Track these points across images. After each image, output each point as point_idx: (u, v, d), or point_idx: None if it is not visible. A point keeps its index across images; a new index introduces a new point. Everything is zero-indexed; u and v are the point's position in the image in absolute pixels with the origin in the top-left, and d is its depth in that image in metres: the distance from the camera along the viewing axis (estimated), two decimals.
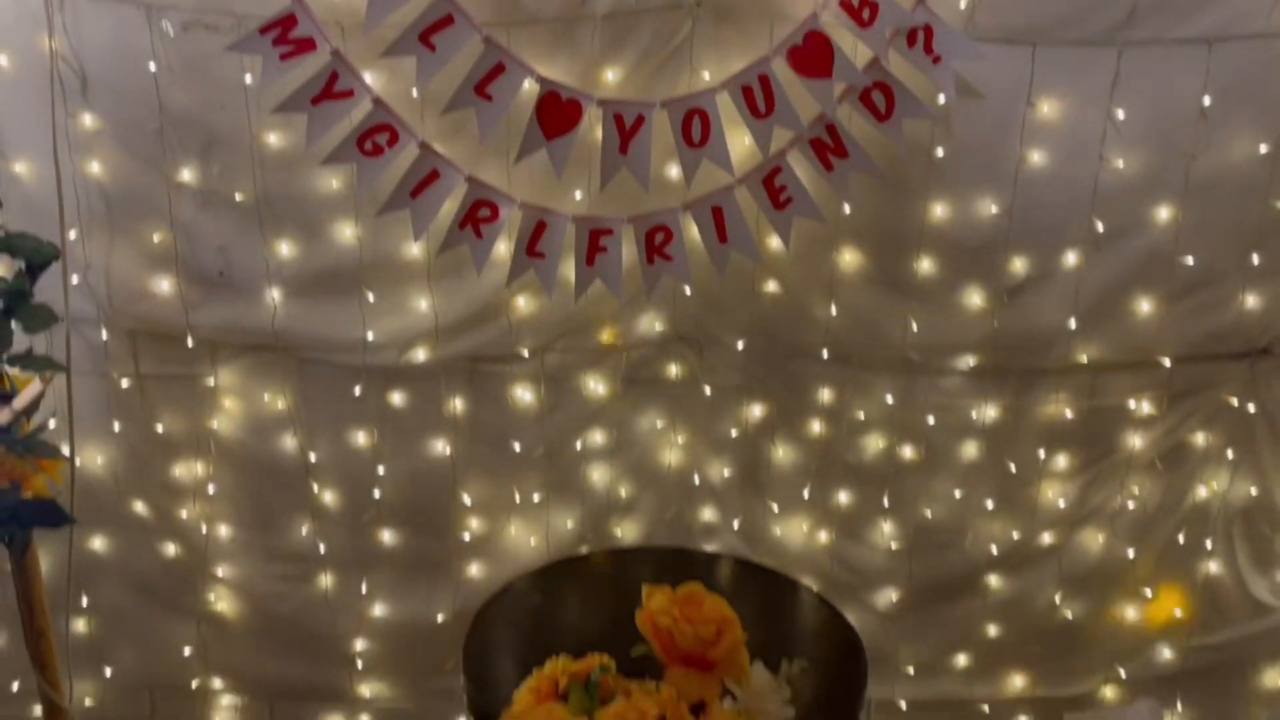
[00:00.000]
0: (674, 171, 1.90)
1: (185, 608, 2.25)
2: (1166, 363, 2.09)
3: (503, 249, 1.93)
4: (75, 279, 1.95)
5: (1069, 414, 2.15)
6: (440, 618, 2.25)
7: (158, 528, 2.19)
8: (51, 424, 1.90)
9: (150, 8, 1.81)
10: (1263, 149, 1.93)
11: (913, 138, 1.87)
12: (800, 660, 1.10)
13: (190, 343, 2.03)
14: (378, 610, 2.26)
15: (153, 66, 1.83)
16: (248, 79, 1.84)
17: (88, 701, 2.28)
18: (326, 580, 2.24)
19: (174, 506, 2.18)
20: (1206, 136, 1.92)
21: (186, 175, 1.93)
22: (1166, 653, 2.32)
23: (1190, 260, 2.01)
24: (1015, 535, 2.23)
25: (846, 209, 1.97)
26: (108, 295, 2.00)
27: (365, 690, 2.33)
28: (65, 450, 1.89)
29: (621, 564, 1.14)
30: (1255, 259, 2.01)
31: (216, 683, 2.33)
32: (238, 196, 1.93)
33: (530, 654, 1.24)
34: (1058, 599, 2.28)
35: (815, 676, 1.53)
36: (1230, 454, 2.19)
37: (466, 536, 2.21)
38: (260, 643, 2.28)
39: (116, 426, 2.10)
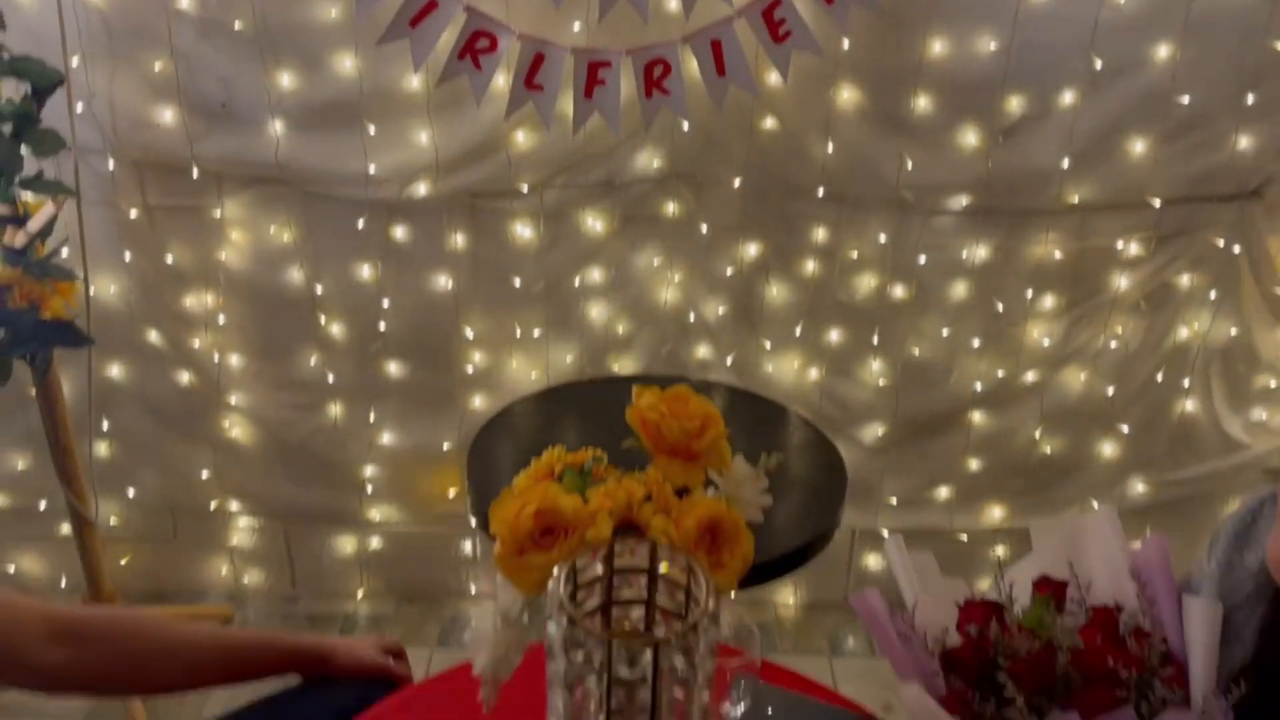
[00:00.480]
0: (673, 4, 1.89)
1: (201, 434, 2.34)
2: (1157, 204, 2.12)
3: (501, 81, 1.94)
4: (80, 107, 1.96)
5: (1058, 255, 2.18)
6: (445, 446, 2.34)
7: (171, 356, 2.27)
8: (64, 253, 1.95)
9: None
10: None
11: None
12: (778, 454, 1.18)
13: (196, 174, 2.06)
14: (385, 439, 2.35)
15: None
16: None
17: (113, 521, 2.39)
18: (335, 409, 2.32)
19: (186, 336, 2.25)
20: None
21: (185, 3, 1.92)
22: (1140, 486, 2.43)
23: (1186, 100, 2.01)
24: (1000, 373, 2.30)
25: (845, 44, 1.96)
26: (112, 125, 2.02)
27: (375, 514, 2.45)
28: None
29: (617, 389, 1.20)
30: (1250, 99, 2.01)
31: (234, 505, 2.45)
32: (236, 25, 1.93)
33: (529, 461, 1.31)
34: (1037, 435, 2.37)
35: (800, 492, 1.63)
36: (1213, 295, 2.23)
37: (469, 369, 2.28)
38: (273, 468, 2.38)
39: (127, 256, 2.15)
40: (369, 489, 2.40)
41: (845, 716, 1.30)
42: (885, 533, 2.45)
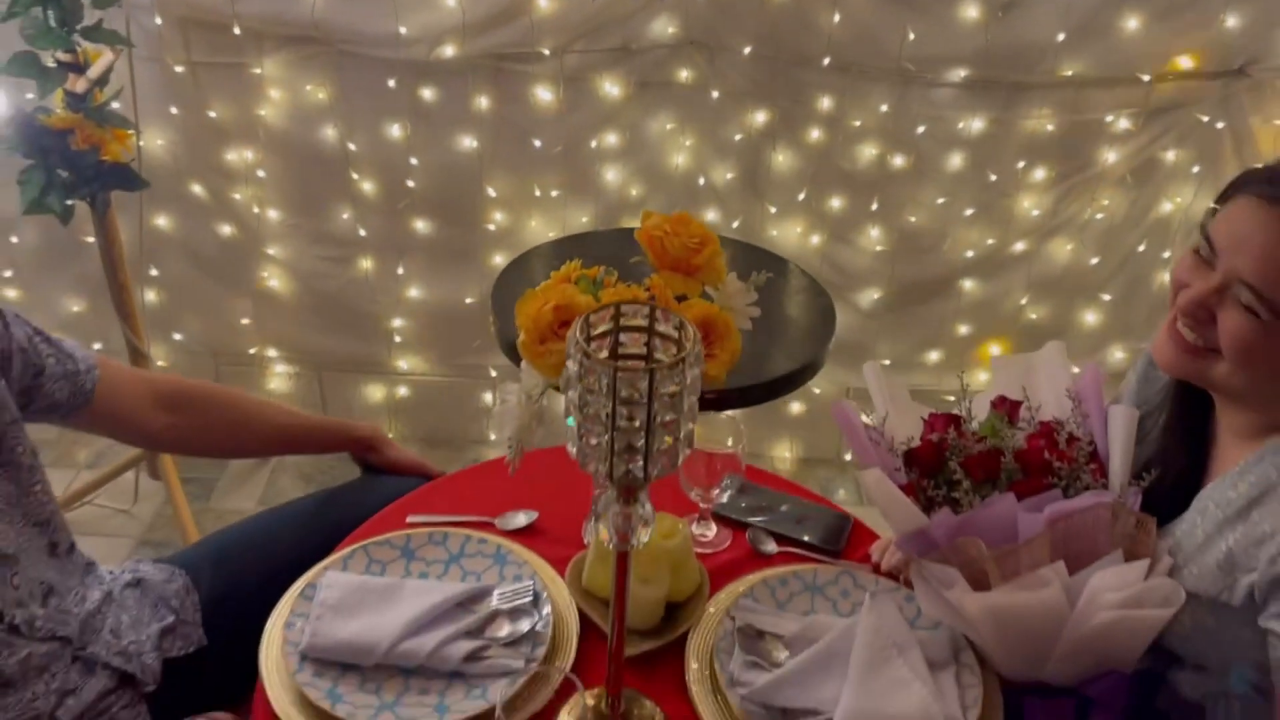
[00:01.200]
0: None
1: (242, 283, 2.52)
2: (1146, 79, 2.23)
3: None
4: None
5: (1050, 128, 2.30)
6: (468, 300, 2.51)
7: (214, 208, 2.43)
8: (115, 106, 2.09)
9: None
10: None
11: None
12: (766, 273, 1.33)
13: (237, 31, 2.19)
14: (413, 292, 2.52)
15: None
16: None
17: (161, 363, 2.59)
18: (366, 263, 2.49)
19: (228, 189, 2.40)
20: None
21: None
22: (1119, 353, 2.58)
23: None
24: (990, 242, 2.44)
25: None
26: None
27: (402, 363, 2.63)
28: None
29: (627, 238, 1.35)
30: None
31: (271, 352, 2.63)
32: None
33: None
34: (1024, 302, 2.52)
35: (794, 329, 1.79)
36: (1196, 170, 2.36)
37: (491, 227, 2.43)
38: (308, 317, 2.56)
39: (173, 110, 2.29)
40: (397, 338, 2.59)
41: (815, 508, 1.48)
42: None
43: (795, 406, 2.70)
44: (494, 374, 2.64)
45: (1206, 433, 1.28)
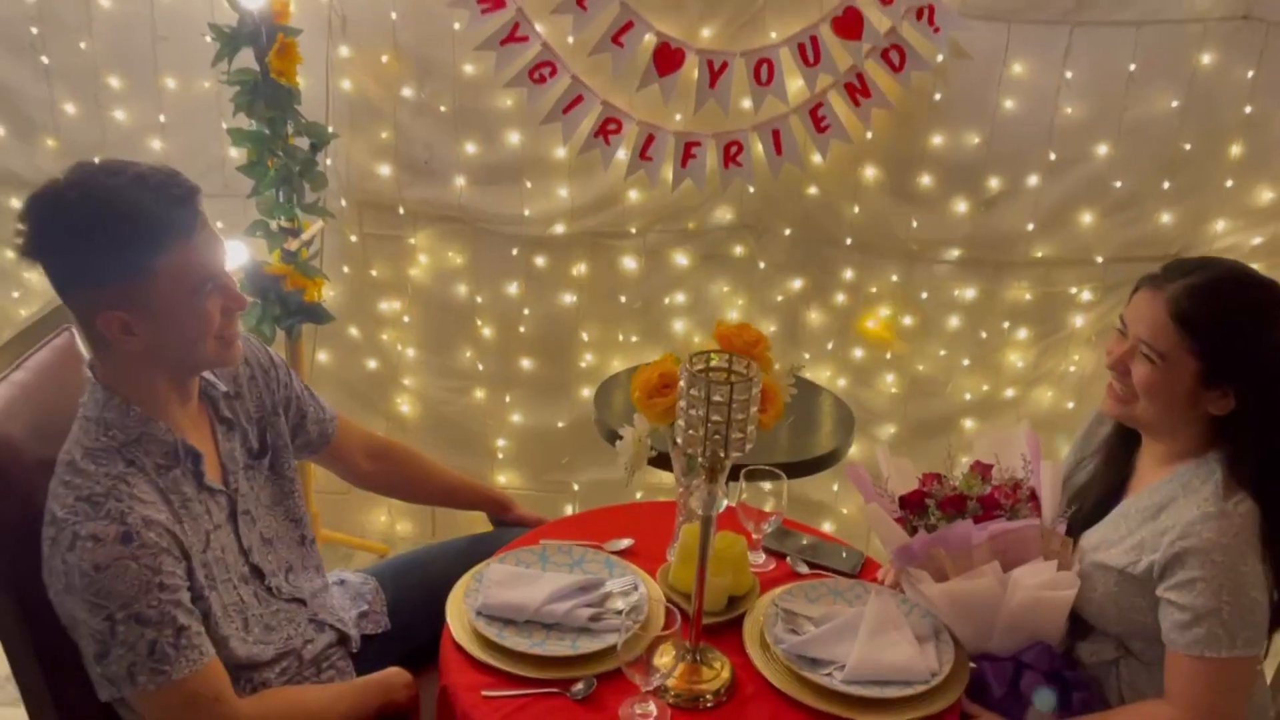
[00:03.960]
0: (746, 103, 2.69)
1: (380, 408, 3.13)
2: (1101, 260, 2.84)
3: (622, 154, 2.74)
4: (329, 161, 2.81)
5: (1028, 297, 2.89)
6: (560, 424, 3.10)
7: (365, 346, 3.07)
8: (315, 262, 2.75)
9: None
10: (1174, 104, 2.64)
11: (918, 85, 2.64)
12: (800, 363, 1.91)
13: (401, 211, 2.89)
14: (515, 417, 3.12)
15: (393, 15, 2.69)
16: (455, 26, 2.67)
17: None
18: (480, 393, 3.10)
19: (378, 331, 3.05)
20: (1134, 93, 2.64)
21: (407, 92, 2.77)
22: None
23: (1119, 184, 2.74)
24: (985, 388, 3.00)
25: (869, 135, 2.75)
26: (347, 174, 2.87)
27: (501, 478, 3.20)
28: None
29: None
30: (1166, 185, 2.73)
31: None
32: (441, 108, 2.77)
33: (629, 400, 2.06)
34: None
35: (822, 427, 2.36)
36: None
37: (583, 364, 3.05)
38: (429, 436, 3.14)
39: (345, 269, 2.98)
40: (499, 455, 3.16)
41: (838, 546, 2.01)
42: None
43: (828, 515, 3.20)
44: (576, 488, 3.19)
45: (1129, 467, 1.82)
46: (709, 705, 1.60)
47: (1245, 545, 1.58)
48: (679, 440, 1.48)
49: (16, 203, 2.98)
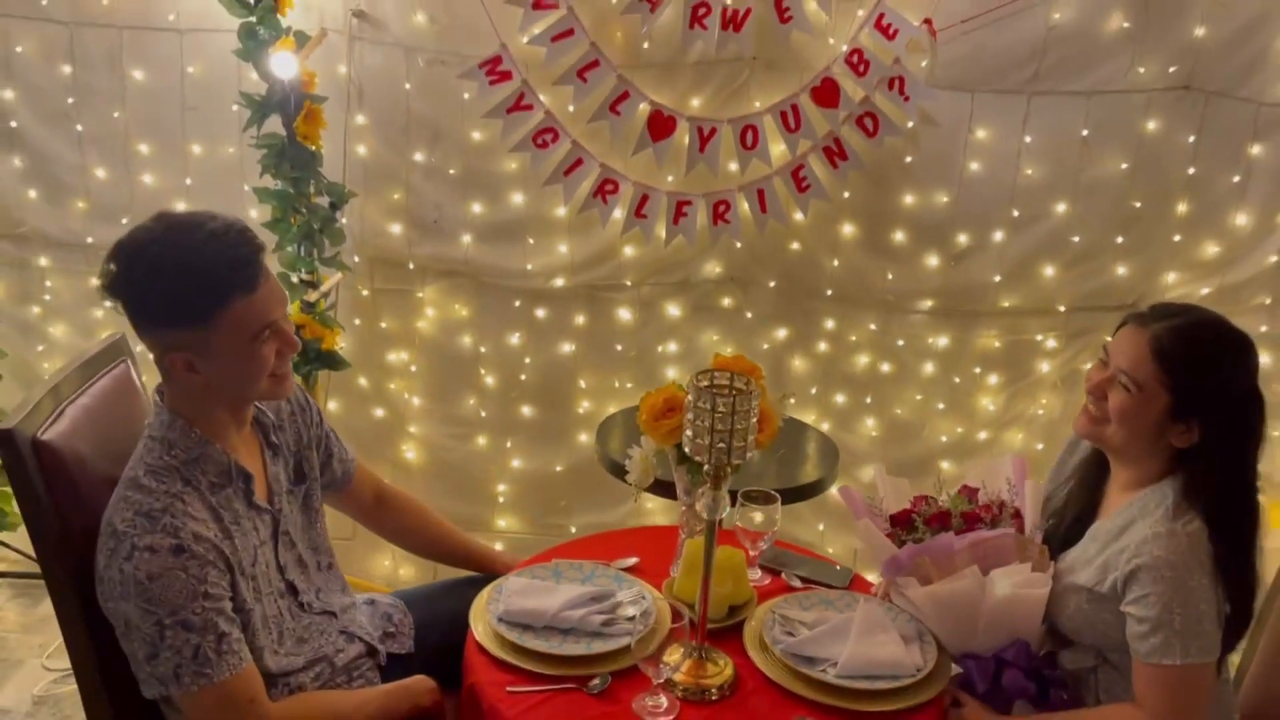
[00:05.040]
0: (733, 165, 2.92)
1: (386, 455, 3.28)
2: (1063, 309, 3.06)
3: (618, 213, 2.95)
4: (343, 220, 3.00)
5: (997, 344, 3.10)
6: (559, 468, 3.26)
7: (373, 395, 3.23)
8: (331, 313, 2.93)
9: (407, 49, 2.88)
10: (1124, 166, 2.89)
11: (891, 149, 2.88)
12: (790, 394, 2.09)
13: (410, 266, 3.08)
14: (515, 462, 3.27)
15: (407, 85, 2.91)
16: (465, 96, 2.90)
17: None
18: (482, 439, 3.26)
19: (386, 381, 3.22)
20: (1087, 156, 2.88)
21: (419, 156, 2.98)
22: None
23: (1078, 239, 2.97)
24: (960, 430, 3.19)
25: (846, 195, 2.97)
26: (360, 232, 3.06)
27: (502, 522, 3.33)
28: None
29: None
30: (1120, 240, 2.97)
31: None
32: (451, 171, 2.98)
33: (632, 432, 2.24)
34: None
35: (808, 459, 2.53)
36: None
37: (580, 410, 3.22)
38: (432, 482, 3.29)
39: (356, 321, 3.15)
40: (500, 499, 3.30)
41: (830, 565, 2.17)
42: None
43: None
44: (574, 530, 3.33)
45: (1100, 492, 1.99)
46: (714, 698, 1.74)
47: (1194, 561, 1.75)
48: (686, 449, 1.65)
49: (45, 261, 3.15)
